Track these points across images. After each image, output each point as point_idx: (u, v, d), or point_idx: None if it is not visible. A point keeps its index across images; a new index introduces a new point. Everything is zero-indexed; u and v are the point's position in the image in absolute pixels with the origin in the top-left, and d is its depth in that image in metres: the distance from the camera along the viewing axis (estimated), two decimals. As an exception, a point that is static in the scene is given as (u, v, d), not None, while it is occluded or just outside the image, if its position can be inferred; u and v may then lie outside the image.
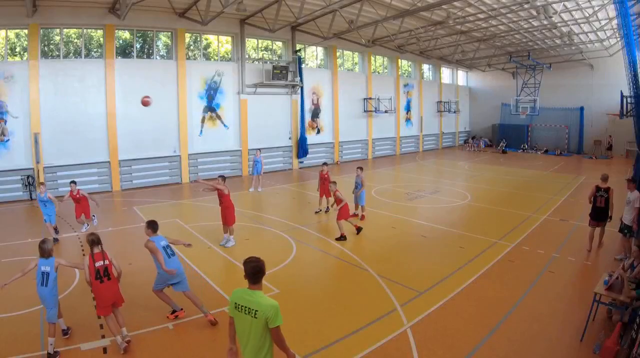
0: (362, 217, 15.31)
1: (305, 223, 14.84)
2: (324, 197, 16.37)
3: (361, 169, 15.45)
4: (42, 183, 13.85)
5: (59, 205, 13.07)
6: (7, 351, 6.77)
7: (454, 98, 43.34)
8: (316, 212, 16.34)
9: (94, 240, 7.04)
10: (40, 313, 7.96)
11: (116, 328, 7.03)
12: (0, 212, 17.36)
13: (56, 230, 13.41)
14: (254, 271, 4.53)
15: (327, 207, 16.38)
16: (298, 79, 27.45)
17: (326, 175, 16.09)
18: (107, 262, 6.98)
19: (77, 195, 13.59)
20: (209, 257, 11.64)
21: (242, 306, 4.50)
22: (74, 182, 14.05)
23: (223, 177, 12.53)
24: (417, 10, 22.22)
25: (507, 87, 41.65)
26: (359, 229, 13.47)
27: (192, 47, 25.08)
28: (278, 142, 28.22)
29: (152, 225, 7.94)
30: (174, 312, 8.13)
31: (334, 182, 13.82)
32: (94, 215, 14.35)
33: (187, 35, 24.20)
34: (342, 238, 12.85)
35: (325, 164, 17.21)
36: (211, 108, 24.94)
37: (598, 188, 11.87)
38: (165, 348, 7.05)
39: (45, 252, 6.92)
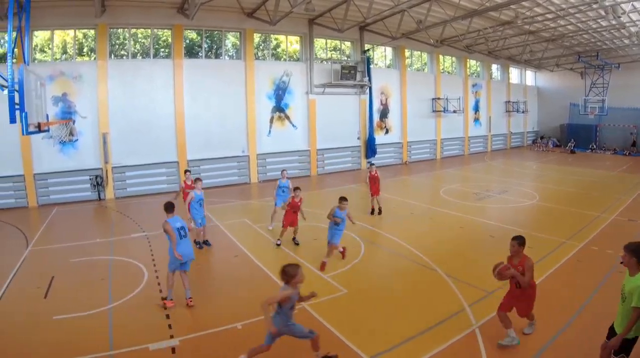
0: None
1: (374, 224, 14.91)
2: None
3: None
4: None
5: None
6: (76, 351, 6.94)
7: (522, 98, 42.30)
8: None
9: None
10: (110, 314, 8.30)
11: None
12: (69, 212, 17.79)
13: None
14: None
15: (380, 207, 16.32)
16: (366, 79, 27.55)
17: (376, 175, 16.02)
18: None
19: None
20: (277, 257, 11.58)
21: None
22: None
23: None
24: (486, 10, 22.16)
25: (575, 87, 40.26)
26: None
27: (260, 47, 25.47)
28: (347, 142, 28.34)
29: (167, 207, 8.82)
30: (165, 298, 8.63)
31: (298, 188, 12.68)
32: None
33: (256, 35, 24.54)
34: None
35: (371, 164, 17.34)
36: (279, 108, 25.21)
37: None
38: (234, 348, 6.93)
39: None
